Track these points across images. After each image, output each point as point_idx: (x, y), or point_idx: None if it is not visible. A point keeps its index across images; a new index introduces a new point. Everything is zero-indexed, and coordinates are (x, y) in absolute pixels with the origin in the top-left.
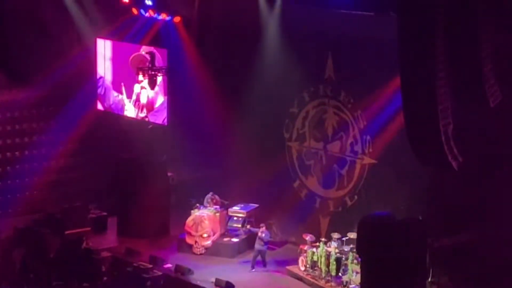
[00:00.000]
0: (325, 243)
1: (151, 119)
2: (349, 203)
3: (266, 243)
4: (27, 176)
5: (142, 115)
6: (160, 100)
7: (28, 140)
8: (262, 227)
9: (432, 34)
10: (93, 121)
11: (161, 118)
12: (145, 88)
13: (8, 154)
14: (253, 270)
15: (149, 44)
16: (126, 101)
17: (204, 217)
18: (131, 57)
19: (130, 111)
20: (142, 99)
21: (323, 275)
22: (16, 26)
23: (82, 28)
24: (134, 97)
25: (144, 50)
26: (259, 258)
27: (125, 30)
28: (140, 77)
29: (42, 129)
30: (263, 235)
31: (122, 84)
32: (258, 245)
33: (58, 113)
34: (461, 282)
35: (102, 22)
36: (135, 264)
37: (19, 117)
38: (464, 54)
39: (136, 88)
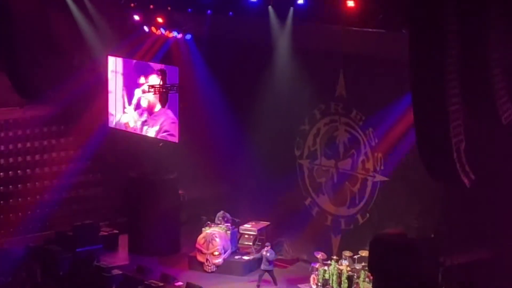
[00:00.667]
0: (337, 261)
1: (151, 123)
2: (360, 220)
3: (271, 262)
4: (38, 194)
5: (142, 119)
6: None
7: (39, 158)
8: (267, 246)
9: (444, 52)
10: (105, 138)
11: (159, 122)
12: (146, 93)
13: (19, 172)
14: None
15: (160, 61)
16: (127, 108)
17: (215, 235)
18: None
19: (130, 116)
20: (143, 103)
21: None
22: (28, 43)
23: (94, 46)
24: (135, 101)
25: (155, 67)
26: (267, 277)
27: (136, 48)
28: (142, 80)
29: (53, 146)
30: (268, 254)
31: (124, 92)
32: (264, 265)
33: (69, 130)
34: None
35: (114, 39)
36: (146, 282)
37: (30, 135)
38: (476, 72)
39: (137, 92)
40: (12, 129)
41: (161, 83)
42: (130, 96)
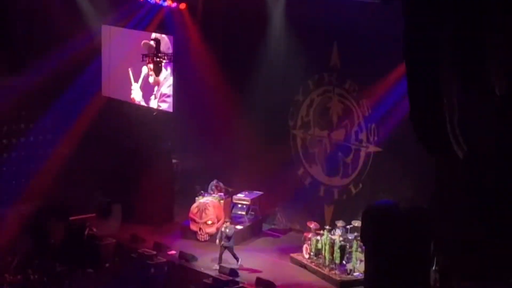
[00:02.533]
0: (330, 231)
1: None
2: (353, 191)
3: (230, 238)
4: (32, 163)
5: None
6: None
7: (33, 126)
8: (226, 222)
9: (438, 21)
10: (98, 108)
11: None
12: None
13: (14, 140)
14: (217, 265)
15: (155, 30)
16: (134, 85)
17: (208, 204)
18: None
19: (137, 94)
20: (150, 80)
21: (327, 263)
22: (20, 10)
23: (87, 15)
24: (141, 79)
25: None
26: (227, 253)
27: (131, 17)
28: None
29: (47, 115)
30: (228, 230)
31: (130, 69)
32: (224, 242)
33: (62, 99)
34: (466, 273)
35: (108, 8)
36: (139, 251)
37: (24, 102)
38: (471, 41)
39: (144, 69)
40: (3, 96)
41: (155, 52)
42: (136, 74)
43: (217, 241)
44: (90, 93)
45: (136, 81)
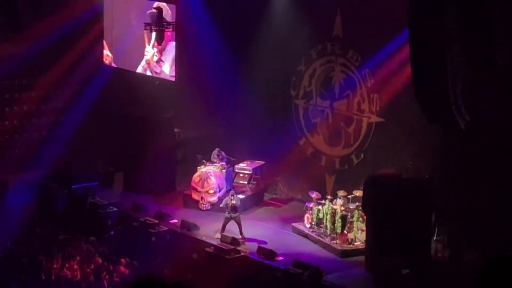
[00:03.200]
0: (331, 200)
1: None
2: (355, 161)
3: (237, 209)
4: (35, 131)
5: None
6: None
7: (34, 95)
8: (232, 194)
9: None
10: (99, 77)
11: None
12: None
13: (16, 108)
14: (219, 234)
15: None
16: (147, 47)
17: (210, 173)
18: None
19: (150, 54)
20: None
21: (329, 232)
22: None
23: None
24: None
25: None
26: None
27: None
28: None
29: (49, 84)
30: (234, 202)
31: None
32: (231, 213)
33: (63, 67)
34: (466, 242)
35: None
36: (141, 219)
37: (24, 69)
38: (474, 14)
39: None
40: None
41: (157, 20)
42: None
43: (227, 213)
44: (92, 62)
45: (149, 43)
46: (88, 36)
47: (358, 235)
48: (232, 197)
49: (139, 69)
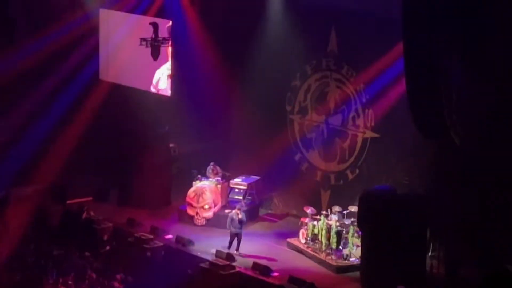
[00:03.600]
0: (326, 216)
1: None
2: (350, 176)
3: (242, 224)
4: (30, 146)
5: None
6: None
7: (30, 109)
8: (239, 209)
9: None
10: (95, 92)
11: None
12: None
13: (10, 122)
14: (236, 251)
15: (153, 15)
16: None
17: (205, 189)
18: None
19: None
20: (161, 86)
21: (324, 248)
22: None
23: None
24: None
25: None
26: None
27: (129, 1)
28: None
29: (44, 98)
30: (240, 216)
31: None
32: (235, 229)
33: (60, 82)
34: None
35: None
36: (136, 235)
37: (20, 83)
38: (469, 27)
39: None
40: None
41: (153, 36)
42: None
43: (232, 229)
44: (88, 76)
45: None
46: (83, 49)
47: (353, 251)
48: (239, 212)
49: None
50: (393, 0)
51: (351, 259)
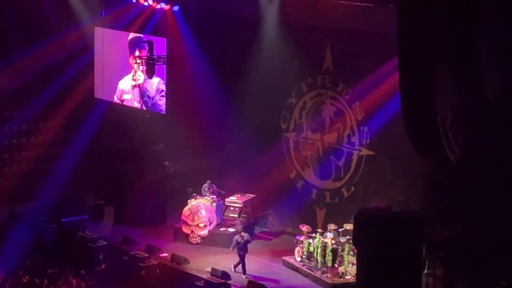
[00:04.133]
0: (322, 234)
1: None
2: (345, 194)
3: (247, 244)
4: (24, 164)
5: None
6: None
7: (25, 128)
8: (240, 231)
9: (431, 27)
10: (89, 110)
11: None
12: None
13: (6, 141)
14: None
15: (148, 33)
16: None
17: (200, 207)
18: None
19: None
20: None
21: (319, 266)
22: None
23: (80, 16)
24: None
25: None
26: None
27: (124, 19)
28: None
29: (39, 116)
30: (246, 238)
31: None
32: (241, 251)
33: (53, 100)
34: (458, 275)
35: (101, 10)
36: (131, 253)
37: (14, 103)
38: (463, 47)
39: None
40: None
41: (148, 54)
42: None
43: (238, 251)
44: (83, 95)
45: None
46: (77, 67)
47: (349, 269)
48: (243, 234)
49: (128, 96)
50: (390, 18)
51: (346, 277)
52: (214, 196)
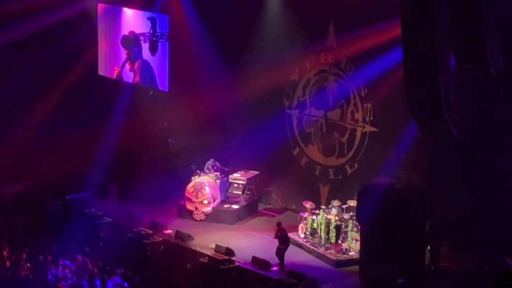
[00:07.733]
0: (325, 210)
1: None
2: (349, 171)
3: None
4: (30, 142)
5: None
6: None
7: (30, 106)
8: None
9: (434, 2)
10: (93, 87)
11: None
12: None
13: (10, 117)
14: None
15: (151, 9)
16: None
17: (204, 184)
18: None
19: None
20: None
21: (323, 242)
22: None
23: None
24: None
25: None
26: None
27: None
28: None
29: (45, 95)
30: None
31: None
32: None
33: (58, 79)
34: (460, 250)
35: None
36: (135, 230)
37: (22, 82)
38: (466, 21)
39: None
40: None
41: (151, 31)
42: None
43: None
44: (87, 72)
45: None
46: (82, 48)
47: (353, 245)
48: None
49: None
50: None
51: (350, 253)
52: (218, 173)
